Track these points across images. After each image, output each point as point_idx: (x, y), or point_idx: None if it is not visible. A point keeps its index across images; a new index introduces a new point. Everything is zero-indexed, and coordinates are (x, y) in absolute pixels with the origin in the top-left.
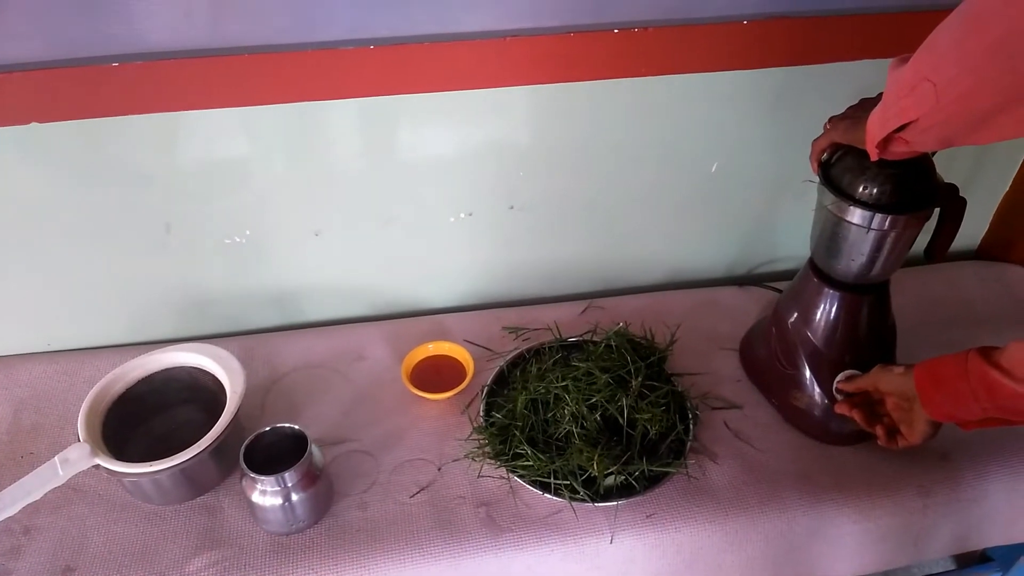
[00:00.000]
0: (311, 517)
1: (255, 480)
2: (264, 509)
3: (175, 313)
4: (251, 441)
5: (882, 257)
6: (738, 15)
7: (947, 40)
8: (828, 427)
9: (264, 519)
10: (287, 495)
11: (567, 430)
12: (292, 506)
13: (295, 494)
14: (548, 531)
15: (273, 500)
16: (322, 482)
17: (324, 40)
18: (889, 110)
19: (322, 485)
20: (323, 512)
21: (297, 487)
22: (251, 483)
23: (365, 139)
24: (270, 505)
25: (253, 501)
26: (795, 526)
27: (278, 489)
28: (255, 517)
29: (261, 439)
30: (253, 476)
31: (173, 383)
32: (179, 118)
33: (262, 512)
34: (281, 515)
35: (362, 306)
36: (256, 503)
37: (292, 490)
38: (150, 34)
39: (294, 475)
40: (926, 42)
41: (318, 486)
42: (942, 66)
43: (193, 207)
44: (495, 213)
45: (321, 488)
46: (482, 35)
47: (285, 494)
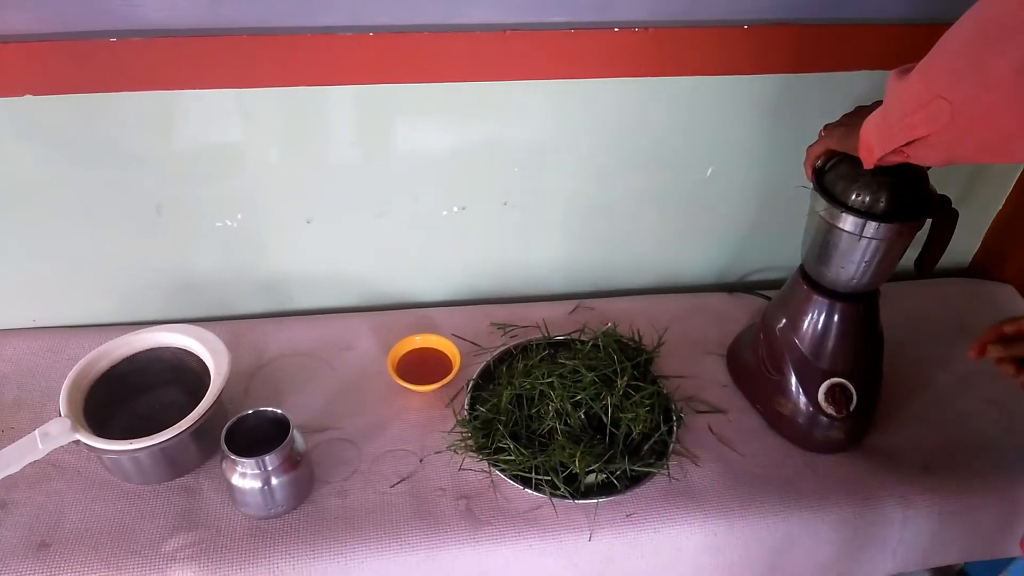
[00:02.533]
0: (290, 502)
1: (235, 462)
2: (243, 492)
3: (163, 295)
4: (233, 423)
5: (872, 265)
6: (739, 20)
7: (963, 54)
8: (812, 435)
9: (243, 502)
10: (267, 478)
11: (551, 426)
12: (271, 490)
13: (275, 478)
14: (527, 526)
15: (252, 483)
16: (303, 468)
17: (323, 25)
18: (894, 125)
19: (302, 471)
20: (303, 498)
21: (277, 471)
22: (231, 465)
23: (361, 128)
24: (249, 488)
25: (232, 483)
26: (775, 532)
27: (258, 472)
28: (234, 500)
29: (243, 422)
30: (233, 458)
31: (158, 363)
32: (174, 98)
33: (241, 495)
34: (260, 498)
35: (351, 296)
36: (236, 485)
37: (272, 474)
38: (149, 11)
39: (275, 459)
40: (935, 53)
41: (298, 471)
42: (960, 84)
43: (185, 189)
44: (488, 209)
45: (301, 474)
46: (483, 27)
47: (265, 477)
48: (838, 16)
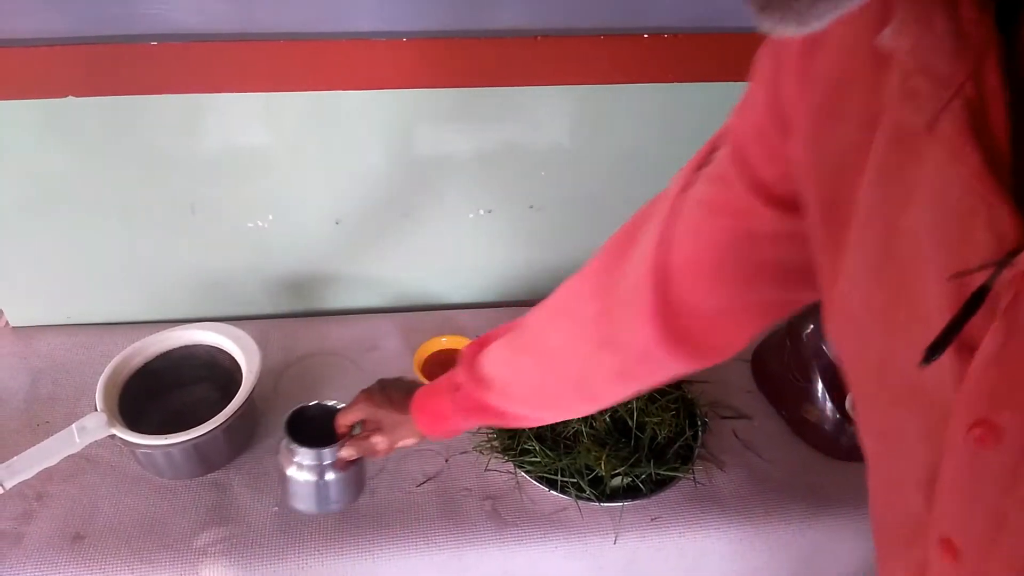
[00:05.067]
0: (343, 499)
1: (293, 452)
2: (296, 483)
3: (194, 293)
4: (294, 413)
5: None
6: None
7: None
8: (838, 441)
9: (295, 493)
10: (322, 472)
11: (576, 429)
12: (326, 485)
13: (330, 473)
14: (552, 528)
15: (308, 476)
16: (358, 467)
17: (352, 30)
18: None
19: (357, 470)
20: (355, 496)
21: (335, 466)
22: (289, 455)
23: (388, 131)
24: (303, 480)
25: (287, 474)
26: (800, 538)
27: (315, 464)
28: (285, 491)
29: (304, 413)
30: (293, 447)
31: (191, 360)
32: (208, 100)
33: (294, 486)
34: (313, 492)
35: (378, 297)
36: (290, 476)
37: (329, 468)
38: (185, 16)
39: (333, 453)
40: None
41: (354, 469)
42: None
43: (218, 190)
44: (514, 212)
45: (356, 473)
46: (514, 33)
47: (320, 471)
48: None
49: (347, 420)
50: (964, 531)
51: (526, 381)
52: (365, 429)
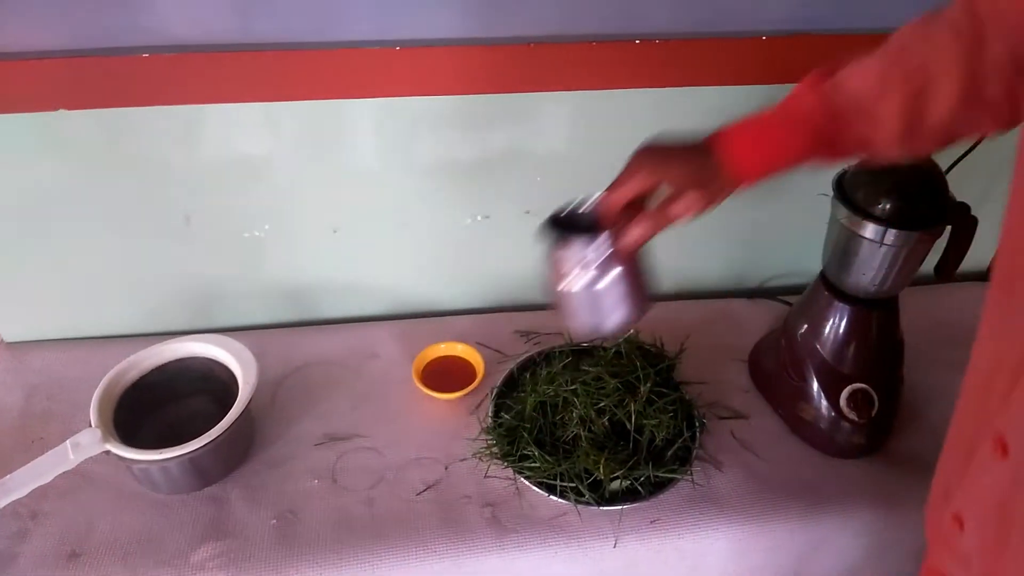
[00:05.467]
0: (628, 306)
1: (564, 249)
2: (572, 294)
3: (190, 305)
4: (551, 219)
5: (893, 272)
6: (758, 31)
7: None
8: (834, 439)
9: (569, 308)
10: (603, 270)
11: (575, 433)
12: (608, 287)
13: (611, 270)
14: (552, 533)
15: (585, 279)
16: (640, 268)
17: (348, 39)
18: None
19: (639, 272)
20: (640, 306)
21: (617, 260)
22: (558, 258)
23: (385, 139)
24: (581, 286)
25: (561, 288)
26: (798, 537)
27: (593, 260)
28: (562, 311)
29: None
30: (564, 241)
31: (187, 373)
32: (203, 111)
33: (567, 300)
34: (593, 299)
35: (376, 305)
36: (564, 287)
37: (610, 263)
38: (179, 28)
39: (606, 241)
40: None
41: (637, 269)
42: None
43: (214, 200)
44: (511, 217)
45: (639, 274)
46: (509, 40)
47: (601, 268)
48: (855, 26)
49: (622, 197)
50: (1018, 433)
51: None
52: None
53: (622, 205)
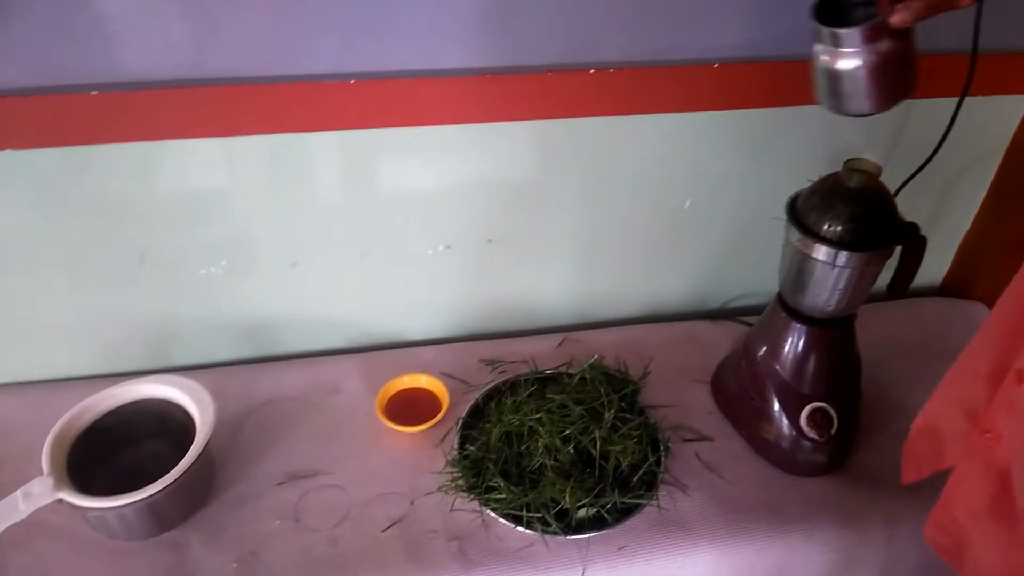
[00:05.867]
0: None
1: (830, 34)
2: (842, 76)
3: (146, 345)
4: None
5: (847, 292)
6: (709, 59)
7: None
8: (796, 458)
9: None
10: (874, 51)
11: (540, 462)
12: (880, 66)
13: (880, 46)
14: (520, 565)
15: (855, 60)
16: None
17: (305, 73)
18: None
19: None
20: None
21: (886, 38)
22: (826, 42)
23: (344, 171)
24: (851, 68)
25: (833, 69)
26: (764, 557)
27: (862, 42)
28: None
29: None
30: (835, 31)
31: (143, 415)
32: (158, 147)
33: (845, 82)
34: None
35: (338, 338)
36: (835, 70)
37: (879, 43)
38: (130, 63)
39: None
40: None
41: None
42: None
43: (168, 237)
44: (473, 246)
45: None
46: (463, 72)
47: (871, 51)
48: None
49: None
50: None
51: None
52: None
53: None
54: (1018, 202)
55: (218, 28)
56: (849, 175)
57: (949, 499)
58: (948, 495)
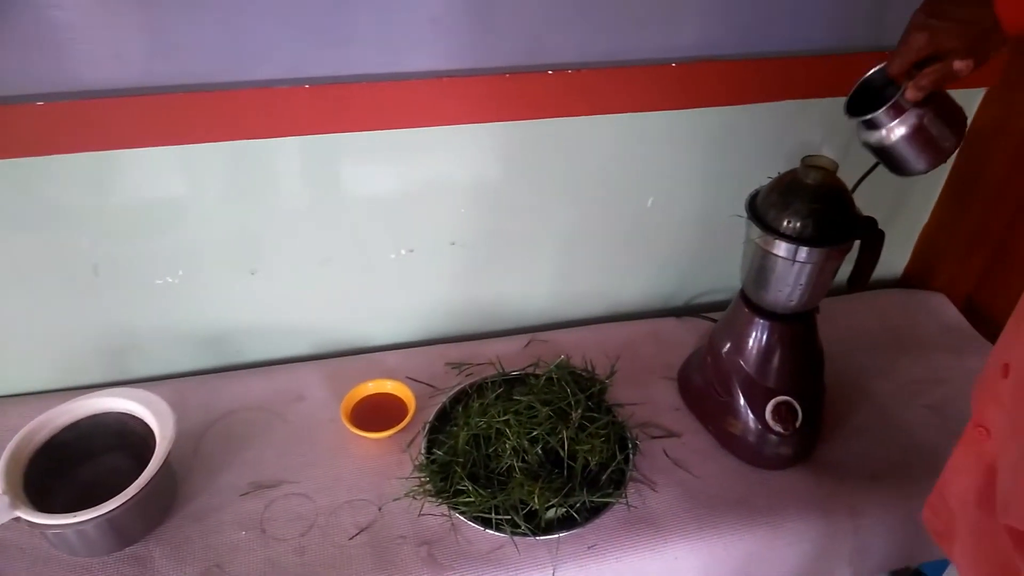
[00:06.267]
0: (932, 151)
1: (867, 122)
2: (893, 150)
3: (104, 357)
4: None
5: (808, 287)
6: (667, 58)
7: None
8: (763, 452)
9: (898, 161)
10: (904, 125)
11: (509, 464)
12: (909, 137)
13: (909, 122)
14: (490, 567)
15: (892, 136)
16: (940, 107)
17: (260, 79)
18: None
19: (940, 111)
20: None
21: (912, 115)
22: (868, 128)
23: (304, 177)
24: (896, 140)
25: (885, 145)
26: (732, 550)
27: (890, 123)
28: (895, 163)
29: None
30: (862, 118)
31: (101, 429)
32: (110, 157)
33: (892, 152)
34: (908, 149)
35: (301, 345)
36: (888, 145)
37: (907, 119)
38: (80, 72)
39: (896, 105)
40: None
41: (935, 112)
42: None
43: (123, 248)
44: (436, 250)
45: (940, 115)
46: (420, 75)
47: (901, 126)
48: (760, 50)
49: (904, 62)
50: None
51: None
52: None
53: (906, 70)
54: (975, 193)
55: (169, 35)
56: (807, 172)
57: (944, 485)
58: (943, 482)
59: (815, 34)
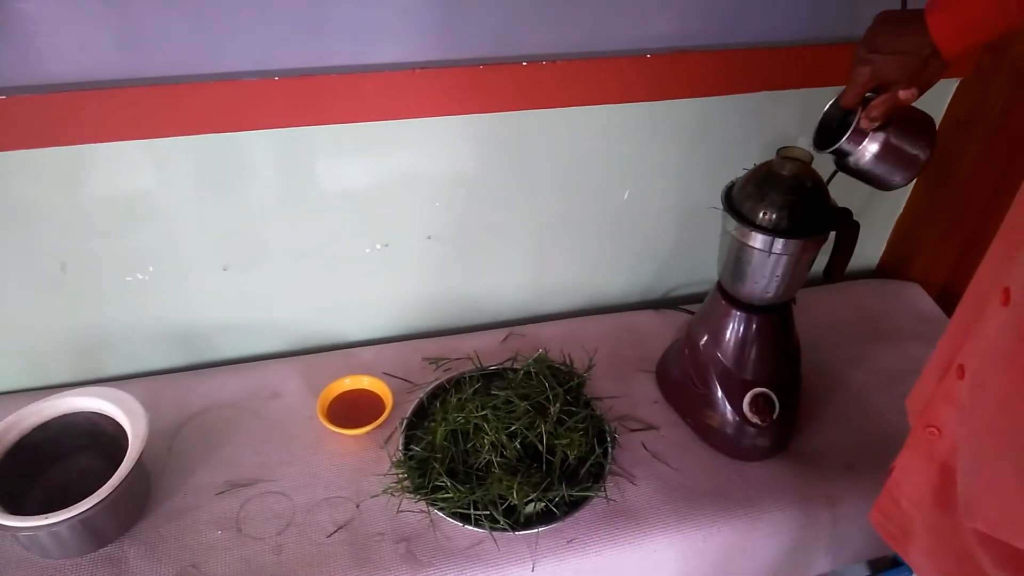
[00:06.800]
0: (901, 167)
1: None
2: (860, 169)
3: (74, 356)
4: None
5: (784, 279)
6: (642, 49)
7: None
8: (741, 444)
9: (873, 175)
10: (867, 150)
11: (487, 460)
12: (876, 159)
13: (873, 147)
14: (469, 563)
15: (857, 159)
16: (901, 131)
17: (229, 71)
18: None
19: (900, 134)
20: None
21: (872, 140)
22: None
23: (277, 170)
24: (862, 163)
25: (861, 168)
26: (711, 542)
27: (849, 151)
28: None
29: (827, 125)
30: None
31: (72, 430)
32: (78, 151)
33: (866, 174)
34: (880, 165)
35: (277, 341)
36: (861, 168)
37: (870, 145)
38: (45, 65)
39: (854, 135)
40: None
41: (895, 135)
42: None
43: (92, 244)
44: (412, 244)
45: (901, 136)
46: (391, 67)
47: (863, 153)
48: (736, 41)
49: (853, 96)
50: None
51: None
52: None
53: (857, 102)
54: (949, 183)
55: (137, 27)
56: (782, 163)
57: (893, 487)
58: (893, 484)
59: (791, 25)
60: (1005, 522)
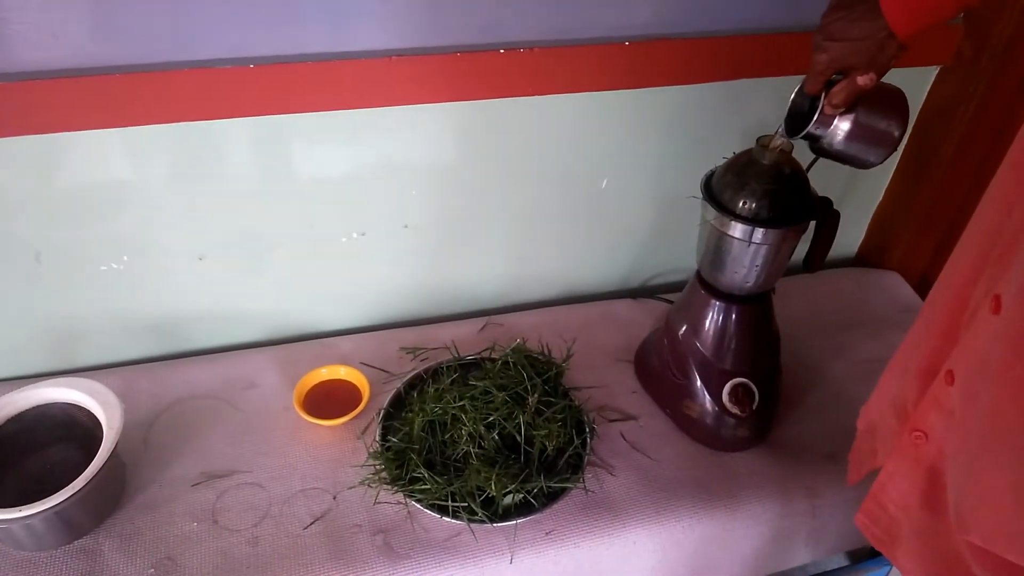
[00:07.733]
0: (873, 143)
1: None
2: (838, 148)
3: (48, 346)
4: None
5: (764, 268)
6: (620, 36)
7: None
8: (720, 434)
9: (847, 154)
10: (835, 134)
11: (465, 451)
12: (847, 137)
13: (844, 126)
14: (447, 555)
15: (828, 143)
16: (868, 110)
17: (203, 58)
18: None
19: (870, 112)
20: (889, 141)
21: (839, 123)
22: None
23: (252, 159)
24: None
25: (838, 150)
26: (691, 533)
27: (819, 135)
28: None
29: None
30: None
31: (46, 421)
32: (51, 140)
33: (840, 154)
34: (852, 144)
35: (253, 331)
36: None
37: (837, 129)
38: (16, 53)
39: (822, 118)
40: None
41: (865, 113)
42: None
43: (66, 234)
44: (389, 233)
45: (869, 114)
46: (368, 54)
47: (832, 136)
48: (713, 28)
49: (815, 82)
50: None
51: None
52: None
53: (820, 88)
54: (928, 171)
55: (109, 14)
56: (762, 152)
57: (879, 492)
58: (878, 488)
59: (769, 12)
60: (1001, 536)
